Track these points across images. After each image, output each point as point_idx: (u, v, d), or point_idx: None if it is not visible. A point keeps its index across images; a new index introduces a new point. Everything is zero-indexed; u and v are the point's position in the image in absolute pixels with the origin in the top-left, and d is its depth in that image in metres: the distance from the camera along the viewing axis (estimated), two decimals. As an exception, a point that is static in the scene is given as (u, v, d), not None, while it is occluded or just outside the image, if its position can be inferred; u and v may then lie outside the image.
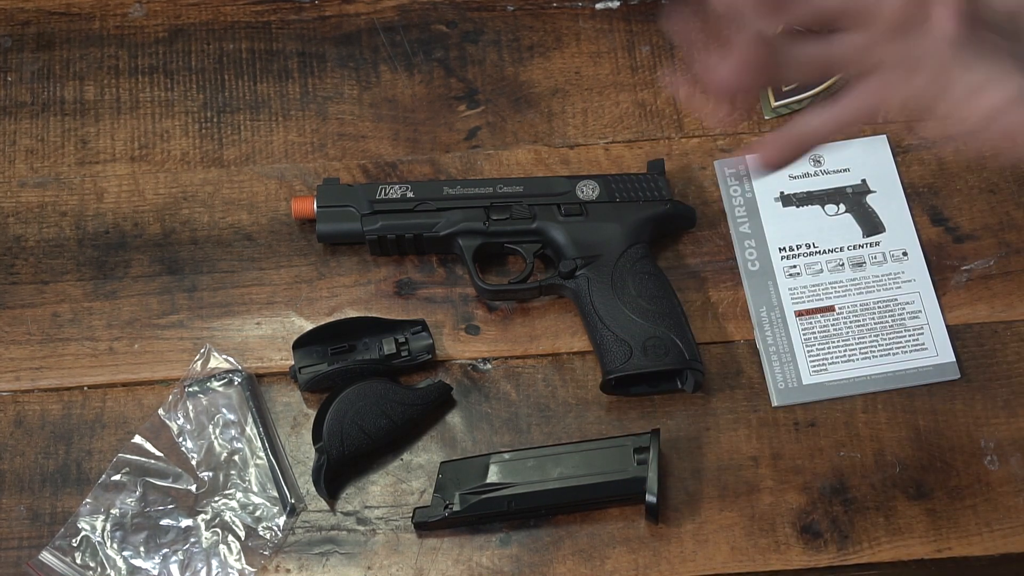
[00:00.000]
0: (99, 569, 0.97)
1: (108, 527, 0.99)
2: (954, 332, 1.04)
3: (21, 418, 1.03)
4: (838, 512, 0.99)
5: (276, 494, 1.00)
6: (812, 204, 1.09)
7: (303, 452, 1.02)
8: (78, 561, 0.98)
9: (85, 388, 1.04)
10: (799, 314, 1.05)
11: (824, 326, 1.04)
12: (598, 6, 1.17)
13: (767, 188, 1.09)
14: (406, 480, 1.01)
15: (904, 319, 1.04)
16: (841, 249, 1.07)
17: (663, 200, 1.06)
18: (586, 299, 1.02)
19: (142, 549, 0.98)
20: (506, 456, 0.98)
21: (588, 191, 1.05)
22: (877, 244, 1.07)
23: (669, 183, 1.07)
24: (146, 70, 1.15)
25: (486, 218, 1.05)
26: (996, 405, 1.02)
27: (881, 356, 1.03)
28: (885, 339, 1.04)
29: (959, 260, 1.07)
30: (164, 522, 0.99)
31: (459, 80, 1.14)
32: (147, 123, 1.13)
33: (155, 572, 0.97)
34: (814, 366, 1.03)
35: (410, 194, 1.05)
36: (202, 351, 1.04)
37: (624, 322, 1.00)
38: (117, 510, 0.99)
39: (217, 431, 1.01)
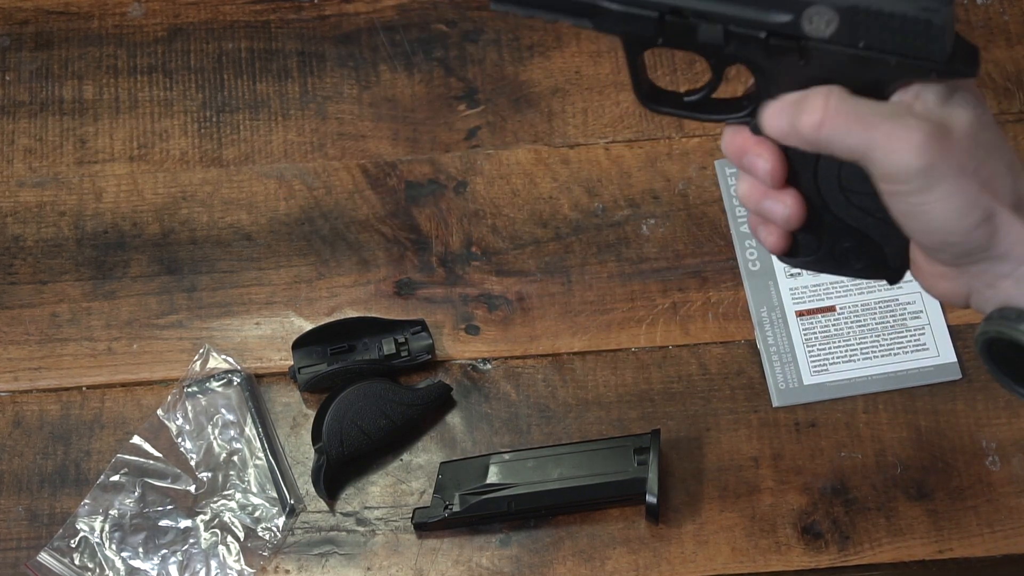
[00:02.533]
0: (98, 570, 0.97)
1: (107, 528, 0.98)
2: (956, 332, 1.04)
3: (19, 419, 1.03)
4: (839, 513, 0.99)
5: (275, 495, 0.99)
6: (813, 204, 1.09)
7: (302, 452, 1.01)
8: (76, 562, 0.97)
9: (84, 388, 1.04)
10: (800, 314, 1.05)
11: (825, 326, 1.04)
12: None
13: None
14: (406, 480, 1.01)
15: (905, 319, 1.04)
16: (842, 249, 1.07)
17: (932, 63, 0.67)
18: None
19: (141, 550, 0.98)
20: (506, 456, 0.98)
21: (820, 23, 0.68)
22: (878, 244, 1.07)
23: (954, 30, 0.68)
24: (145, 69, 1.15)
25: (656, 32, 0.71)
26: (998, 406, 1.02)
27: (882, 356, 1.03)
28: (886, 339, 1.04)
29: (960, 260, 1.07)
30: (163, 523, 0.99)
31: (459, 80, 1.14)
32: (146, 123, 1.13)
33: (154, 573, 0.97)
34: (815, 366, 1.03)
35: None
36: (201, 351, 1.04)
37: (818, 212, 0.74)
38: (116, 511, 0.99)
39: (216, 431, 1.01)
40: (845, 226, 0.73)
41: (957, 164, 0.66)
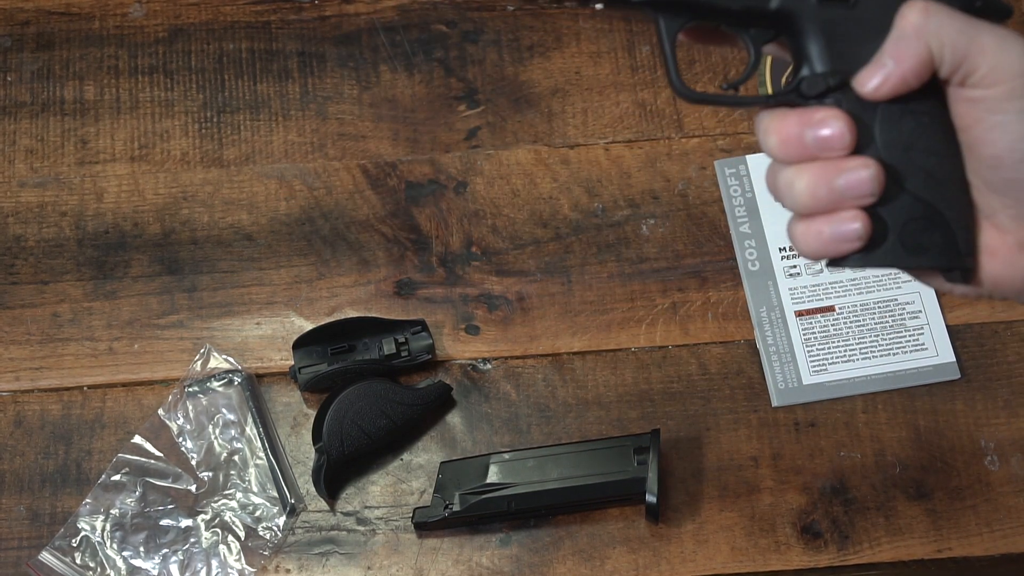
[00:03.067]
0: (99, 569, 0.97)
1: (108, 527, 0.99)
2: (954, 332, 1.04)
3: (21, 418, 1.03)
4: (838, 512, 0.99)
5: (276, 494, 1.00)
6: (812, 204, 1.09)
7: (303, 452, 1.01)
8: (78, 561, 0.98)
9: (85, 388, 1.04)
10: (799, 314, 1.05)
11: (824, 326, 1.04)
12: (598, 6, 1.17)
13: (767, 188, 1.09)
14: (406, 480, 1.01)
15: (904, 319, 1.04)
16: (841, 249, 1.07)
17: None
18: None
19: (142, 549, 0.98)
20: (506, 456, 0.98)
21: None
22: (877, 244, 1.07)
23: None
24: (146, 70, 1.15)
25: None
26: (996, 405, 1.02)
27: (881, 356, 1.03)
28: (885, 339, 1.04)
29: (959, 260, 1.07)
30: (164, 522, 0.99)
31: (459, 80, 1.14)
32: (147, 123, 1.13)
33: (155, 572, 0.97)
34: (814, 366, 1.03)
35: None
36: (202, 351, 1.04)
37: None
38: (117, 510, 0.99)
39: (217, 431, 1.01)
40: (911, 199, 0.67)
41: None
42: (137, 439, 1.01)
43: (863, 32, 0.67)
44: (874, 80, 0.66)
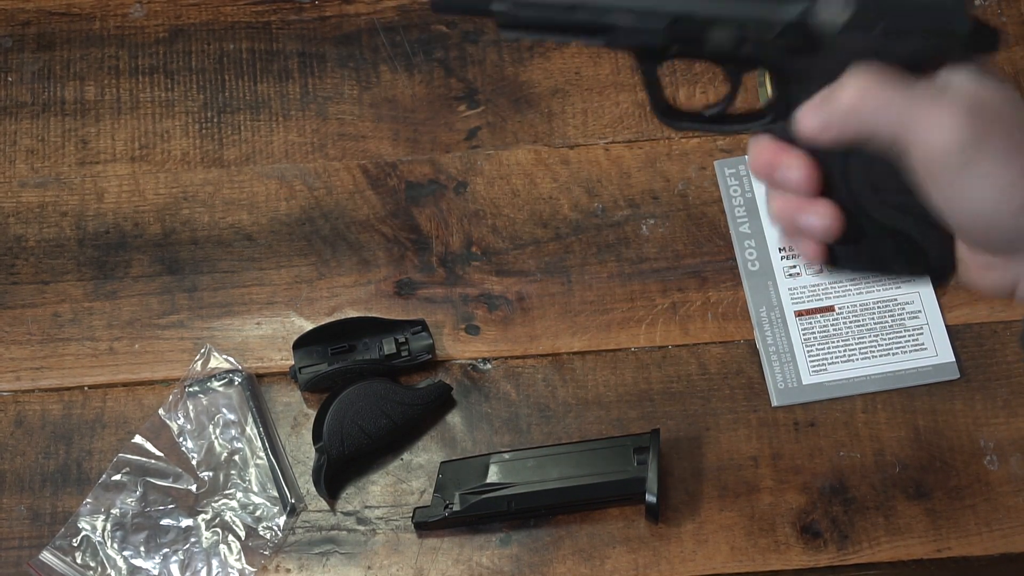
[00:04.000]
0: (99, 569, 0.97)
1: (108, 527, 0.99)
2: (954, 332, 1.04)
3: (21, 418, 1.03)
4: (838, 512, 0.99)
5: (276, 494, 1.00)
6: (812, 204, 1.09)
7: (303, 452, 1.02)
8: (78, 561, 0.98)
9: (85, 388, 1.04)
10: (799, 314, 1.05)
11: (824, 326, 1.04)
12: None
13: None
14: (406, 480, 1.01)
15: (904, 319, 1.05)
16: (841, 249, 1.07)
17: (955, 38, 0.66)
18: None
19: (142, 549, 0.98)
20: (506, 456, 0.98)
21: (835, 10, 0.66)
22: (877, 244, 1.07)
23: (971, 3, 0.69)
24: (146, 70, 1.15)
25: (667, 42, 0.69)
26: (996, 405, 1.02)
27: (881, 356, 1.03)
28: (885, 339, 1.04)
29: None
30: (164, 522, 0.99)
31: (459, 80, 1.14)
32: (147, 123, 1.13)
33: (155, 572, 0.97)
34: (814, 366, 1.03)
35: None
36: (202, 351, 1.04)
37: (854, 214, 0.70)
38: (117, 510, 0.99)
39: (217, 431, 1.02)
40: (883, 228, 0.70)
41: (998, 140, 0.63)
42: (137, 439, 1.01)
43: (832, 80, 0.67)
44: (807, 123, 0.67)
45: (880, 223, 0.70)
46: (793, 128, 0.67)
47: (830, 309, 1.05)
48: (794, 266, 1.07)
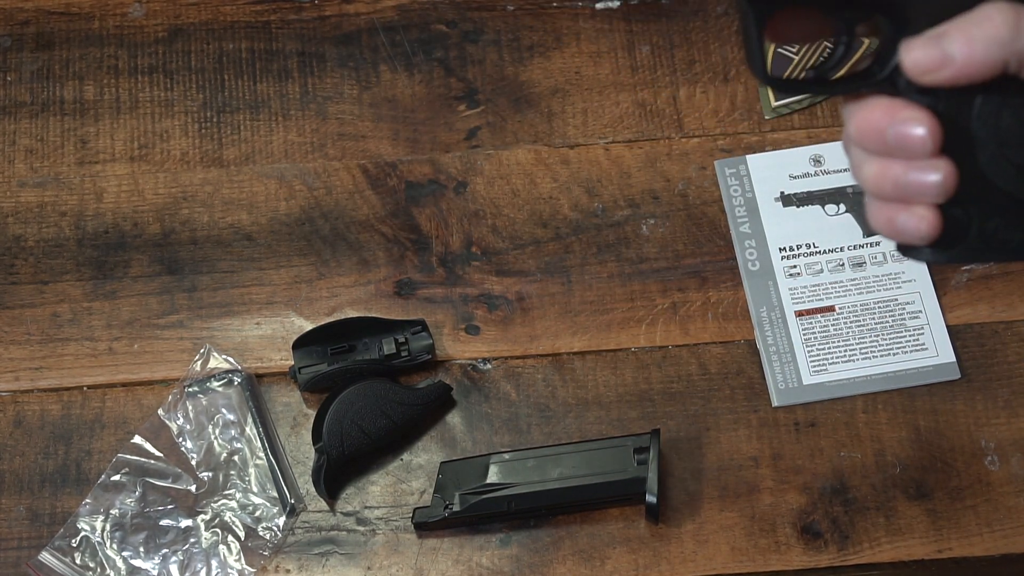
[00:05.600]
0: (99, 569, 0.97)
1: (108, 527, 0.99)
2: (954, 332, 1.04)
3: (20, 418, 1.03)
4: (838, 512, 0.99)
5: (276, 494, 1.00)
6: (812, 204, 1.09)
7: (303, 452, 1.01)
8: (78, 561, 0.98)
9: (85, 388, 1.04)
10: (799, 314, 1.05)
11: (824, 326, 1.04)
12: (598, 6, 1.17)
13: (767, 188, 1.09)
14: (406, 480, 1.01)
15: (904, 319, 1.04)
16: (841, 249, 1.07)
17: None
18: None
19: (142, 549, 0.98)
20: (506, 456, 0.98)
21: None
22: (878, 244, 1.07)
23: None
24: (146, 70, 1.15)
25: None
26: (997, 405, 1.02)
27: (881, 356, 1.03)
28: (885, 339, 1.04)
29: (959, 260, 1.07)
30: (164, 522, 0.99)
31: (459, 80, 1.14)
32: (147, 123, 1.13)
33: (155, 572, 0.97)
34: (814, 366, 1.03)
35: None
36: (202, 351, 1.04)
37: (970, 180, 0.63)
38: (117, 510, 0.99)
39: (217, 431, 1.01)
40: (998, 196, 0.62)
41: None
42: (137, 439, 1.01)
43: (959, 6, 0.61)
44: (927, 62, 0.61)
45: (994, 188, 0.63)
46: (917, 71, 0.60)
47: (830, 309, 1.05)
48: (794, 266, 1.07)
